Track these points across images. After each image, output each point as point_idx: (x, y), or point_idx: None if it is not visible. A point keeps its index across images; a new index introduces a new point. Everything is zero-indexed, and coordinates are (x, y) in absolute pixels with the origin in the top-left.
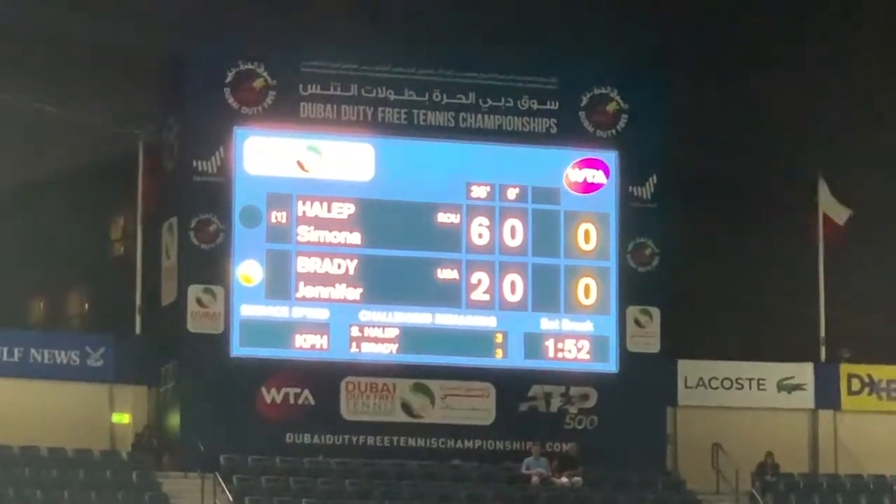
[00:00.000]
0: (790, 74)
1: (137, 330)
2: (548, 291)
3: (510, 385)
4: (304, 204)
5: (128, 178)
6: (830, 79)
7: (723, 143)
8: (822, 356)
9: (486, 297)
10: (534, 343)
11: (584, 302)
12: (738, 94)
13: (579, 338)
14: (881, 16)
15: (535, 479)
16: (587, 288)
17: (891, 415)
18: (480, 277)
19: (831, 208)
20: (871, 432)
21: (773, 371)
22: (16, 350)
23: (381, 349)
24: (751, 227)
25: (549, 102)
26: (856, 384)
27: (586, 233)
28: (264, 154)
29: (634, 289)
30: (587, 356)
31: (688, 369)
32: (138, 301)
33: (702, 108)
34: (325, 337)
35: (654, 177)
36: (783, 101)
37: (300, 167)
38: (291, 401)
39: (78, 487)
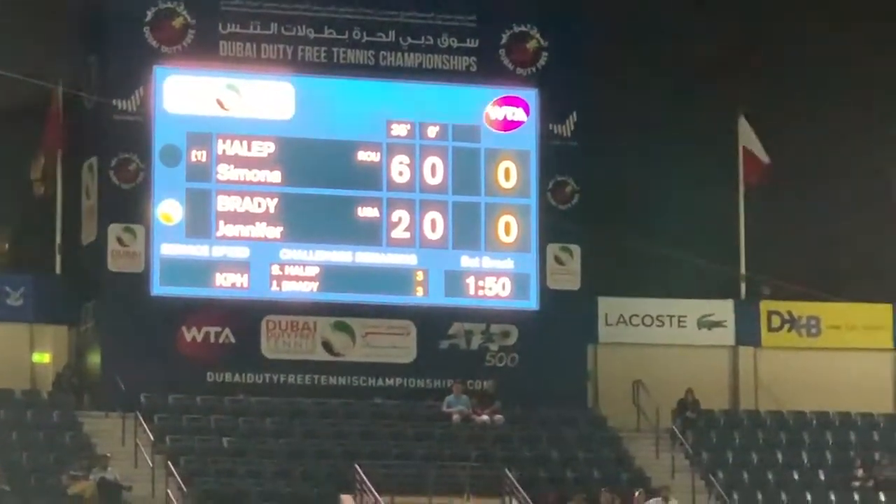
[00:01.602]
0: (713, 13)
1: (58, 270)
2: (468, 229)
3: (431, 323)
4: (223, 143)
5: (52, 117)
6: (752, 17)
7: (644, 81)
8: (743, 293)
9: (407, 236)
10: (454, 281)
11: (505, 240)
12: (661, 33)
13: (500, 275)
14: None
15: (456, 417)
16: (507, 226)
17: (811, 351)
18: (401, 216)
19: (753, 146)
20: (792, 369)
21: (694, 308)
22: None
23: (302, 287)
24: (672, 165)
25: (468, 40)
26: (776, 321)
27: (506, 171)
28: (184, 93)
29: (555, 227)
30: (508, 294)
31: (608, 307)
32: (58, 241)
33: (623, 46)
34: (245, 276)
35: (575, 115)
36: (706, 40)
37: (220, 106)
38: (212, 340)
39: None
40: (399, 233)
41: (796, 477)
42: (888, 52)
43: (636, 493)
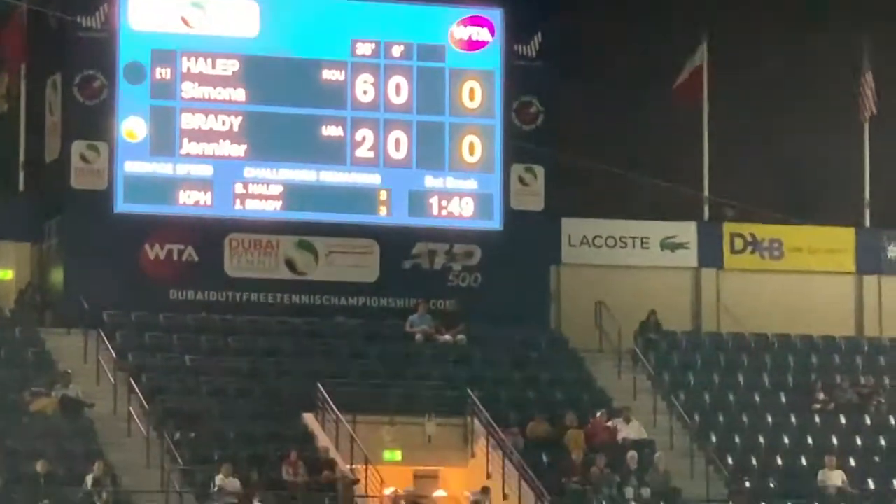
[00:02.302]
0: None
1: (21, 187)
2: (432, 149)
3: (394, 242)
4: (188, 60)
5: (14, 34)
6: None
7: (609, 3)
8: (706, 215)
9: (371, 155)
10: (418, 200)
11: (469, 160)
12: None
13: (463, 195)
14: None
15: (419, 336)
16: (472, 146)
17: (773, 274)
18: (365, 135)
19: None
20: (754, 291)
21: (657, 229)
22: None
23: (266, 206)
24: (637, 87)
25: None
26: (739, 243)
27: (471, 91)
28: (148, 9)
29: (519, 147)
30: (471, 214)
31: (572, 227)
32: (21, 158)
33: None
34: (209, 193)
35: (540, 35)
36: None
37: (184, 23)
38: (175, 257)
39: None
40: (363, 152)
41: (757, 399)
42: None
43: (598, 414)
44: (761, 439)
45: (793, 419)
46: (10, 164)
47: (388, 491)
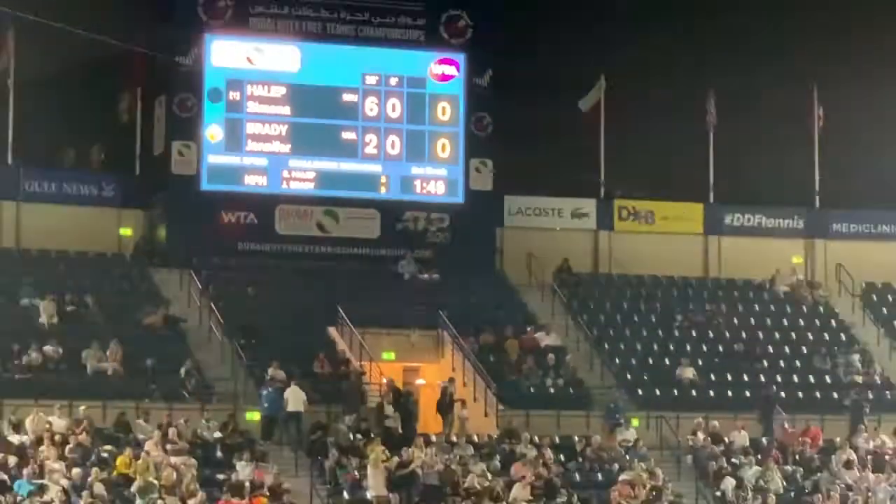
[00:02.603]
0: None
1: (136, 171)
2: (417, 148)
3: (390, 211)
4: (251, 86)
5: (134, 68)
6: None
7: (540, 43)
8: (602, 194)
9: (375, 152)
10: (407, 183)
11: (442, 155)
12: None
13: (437, 180)
14: None
15: (406, 275)
16: (444, 146)
17: (648, 234)
18: (371, 138)
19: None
20: (634, 246)
21: (569, 204)
22: (53, 184)
23: (303, 186)
24: (555, 106)
25: (418, 20)
26: (624, 213)
27: (443, 108)
28: (224, 52)
29: (475, 146)
30: (443, 192)
31: (511, 202)
32: (138, 152)
33: (522, 31)
34: (264, 177)
35: (490, 71)
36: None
37: (249, 61)
38: (241, 220)
39: (97, 278)
40: (370, 149)
41: (636, 318)
42: None
43: (528, 329)
44: (639, 346)
45: (660, 332)
46: (129, 156)
47: (384, 380)
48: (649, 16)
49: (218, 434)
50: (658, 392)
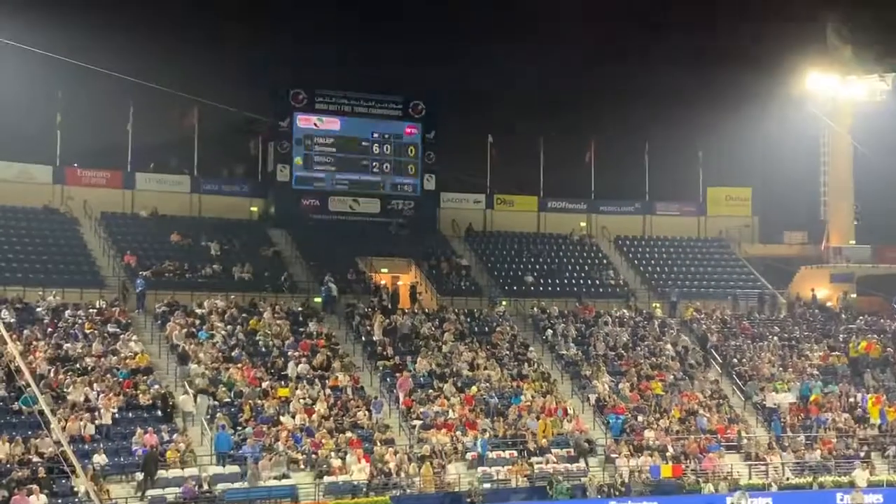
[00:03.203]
0: None
1: (259, 179)
2: (398, 169)
3: (386, 199)
4: (317, 138)
5: (259, 126)
6: None
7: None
8: (488, 191)
9: (377, 170)
10: (393, 186)
11: (410, 172)
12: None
13: (408, 185)
14: None
15: (393, 232)
16: (411, 168)
17: (511, 212)
18: (375, 164)
19: None
20: (505, 218)
21: (472, 196)
22: (220, 186)
23: (342, 187)
24: (470, 145)
25: (398, 105)
26: (499, 201)
27: (411, 149)
28: (304, 120)
29: (426, 168)
30: (411, 191)
31: (444, 196)
32: (259, 169)
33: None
34: (323, 183)
35: (434, 131)
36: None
37: (315, 125)
38: (312, 204)
39: (241, 231)
40: (375, 169)
41: (504, 253)
42: None
43: (452, 257)
44: (506, 265)
45: (517, 259)
46: (255, 172)
47: (382, 282)
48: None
49: (300, 308)
50: (516, 287)
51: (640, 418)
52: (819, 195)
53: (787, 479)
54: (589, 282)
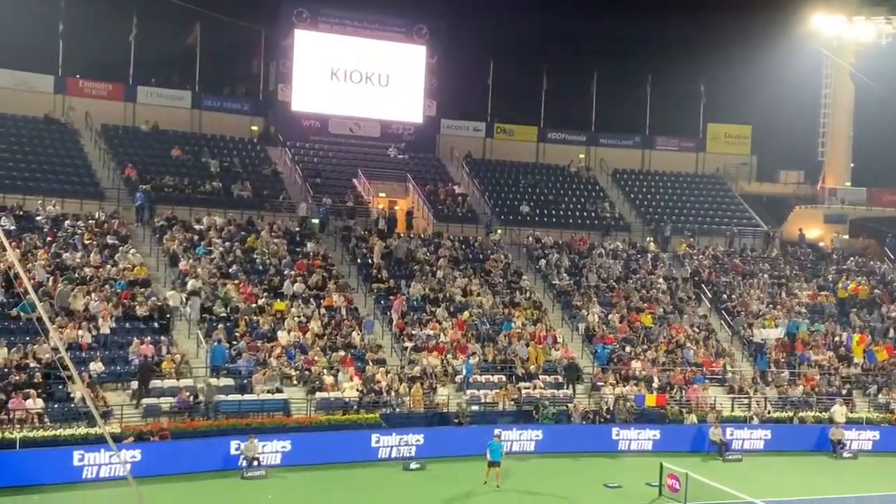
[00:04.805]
0: None
1: (260, 98)
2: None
3: (387, 124)
4: (320, 57)
5: (262, 43)
6: None
7: (464, 40)
8: (488, 119)
9: (380, 92)
10: (393, 110)
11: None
12: None
13: (409, 109)
14: None
15: (392, 155)
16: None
17: (509, 141)
18: (377, 86)
19: None
20: (504, 147)
21: (472, 124)
22: (222, 102)
23: (343, 109)
24: (471, 72)
25: (402, 29)
26: (499, 129)
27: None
28: (305, 38)
29: (428, 94)
30: (411, 116)
31: (444, 122)
32: (261, 87)
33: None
34: (325, 103)
35: (436, 56)
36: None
37: (317, 45)
38: (312, 125)
39: (240, 149)
40: (378, 90)
41: (501, 182)
42: None
43: (449, 184)
44: (503, 194)
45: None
46: (257, 90)
47: (380, 206)
48: None
49: (297, 228)
50: (511, 216)
51: (627, 349)
52: (818, 136)
53: (769, 412)
54: (584, 214)
